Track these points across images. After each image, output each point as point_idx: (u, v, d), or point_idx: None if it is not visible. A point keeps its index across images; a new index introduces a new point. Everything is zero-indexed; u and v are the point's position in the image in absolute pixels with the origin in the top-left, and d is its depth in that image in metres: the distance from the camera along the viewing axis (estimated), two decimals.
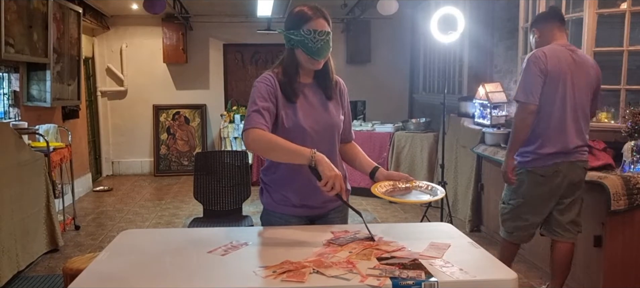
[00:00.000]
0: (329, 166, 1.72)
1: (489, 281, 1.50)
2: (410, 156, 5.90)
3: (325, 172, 1.71)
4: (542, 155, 2.82)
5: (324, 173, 1.71)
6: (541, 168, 2.84)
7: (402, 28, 7.86)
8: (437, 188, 1.95)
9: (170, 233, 2.21)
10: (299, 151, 1.76)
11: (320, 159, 1.73)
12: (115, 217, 5.39)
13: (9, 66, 4.69)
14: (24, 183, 3.75)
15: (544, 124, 2.81)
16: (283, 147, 1.78)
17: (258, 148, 1.82)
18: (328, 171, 1.71)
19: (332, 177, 1.70)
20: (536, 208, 2.92)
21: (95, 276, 1.50)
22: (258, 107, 1.84)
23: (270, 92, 1.88)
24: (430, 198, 1.94)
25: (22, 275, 3.66)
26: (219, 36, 7.88)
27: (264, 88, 1.88)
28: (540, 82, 2.76)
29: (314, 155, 1.74)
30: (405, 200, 1.94)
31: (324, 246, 1.72)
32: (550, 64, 2.76)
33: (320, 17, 1.88)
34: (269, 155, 1.86)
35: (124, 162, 7.97)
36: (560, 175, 2.82)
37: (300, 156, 1.75)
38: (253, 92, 1.90)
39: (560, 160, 2.81)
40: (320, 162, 1.73)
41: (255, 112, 1.83)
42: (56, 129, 4.92)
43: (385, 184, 1.96)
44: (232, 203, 3.51)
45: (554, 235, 2.96)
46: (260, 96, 1.87)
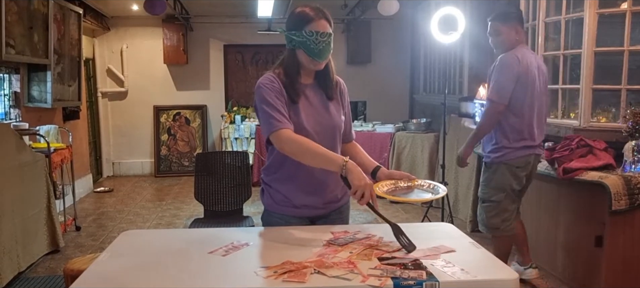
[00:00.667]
0: (359, 176, 1.74)
1: (490, 281, 1.50)
2: (411, 157, 5.90)
3: (354, 182, 1.73)
4: (517, 149, 3.13)
5: (353, 182, 1.73)
6: (515, 160, 3.14)
7: (403, 28, 7.86)
8: (438, 187, 1.94)
9: (171, 234, 2.22)
10: (332, 159, 1.79)
11: (351, 169, 1.75)
12: (116, 218, 5.39)
13: (10, 67, 4.70)
14: (25, 184, 3.75)
15: (518, 121, 3.11)
16: (317, 153, 1.80)
17: (291, 150, 1.83)
18: (357, 181, 1.73)
19: (361, 187, 1.72)
20: (514, 197, 3.22)
21: (96, 277, 1.50)
22: (276, 108, 1.84)
23: (278, 92, 1.89)
24: (432, 196, 1.94)
25: (23, 276, 3.66)
26: (219, 37, 7.89)
27: (272, 88, 1.88)
28: (512, 85, 3.05)
29: (345, 165, 1.75)
30: (406, 199, 1.94)
31: (324, 246, 1.72)
32: (522, 68, 3.05)
33: (322, 18, 1.88)
34: (300, 158, 1.84)
35: (124, 162, 7.97)
36: (529, 166, 3.19)
37: (333, 164, 1.78)
38: (261, 94, 1.88)
39: (529, 153, 3.16)
40: (351, 171, 1.74)
41: (277, 112, 1.84)
42: (57, 129, 4.92)
43: (386, 183, 1.95)
44: (233, 204, 3.51)
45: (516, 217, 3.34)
46: (272, 97, 1.86)
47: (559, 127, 3.75)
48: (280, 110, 1.84)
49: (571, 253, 3.35)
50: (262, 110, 1.87)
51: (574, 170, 3.14)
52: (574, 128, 3.59)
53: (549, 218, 3.54)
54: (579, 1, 3.63)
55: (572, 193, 3.29)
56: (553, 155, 3.34)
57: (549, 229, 3.54)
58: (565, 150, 3.28)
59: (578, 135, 3.40)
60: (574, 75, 3.72)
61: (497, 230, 3.23)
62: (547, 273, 3.58)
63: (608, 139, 3.34)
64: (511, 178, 3.16)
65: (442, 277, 1.47)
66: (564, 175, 3.17)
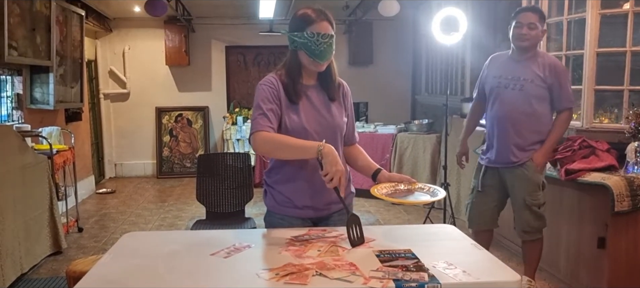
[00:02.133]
0: (333, 160, 1.74)
1: (492, 283, 1.49)
2: (413, 158, 5.90)
3: (326, 166, 1.74)
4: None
5: (325, 166, 1.74)
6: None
7: (404, 29, 7.86)
8: (437, 190, 1.95)
9: (173, 236, 2.22)
10: (306, 146, 1.80)
11: (327, 152, 1.75)
12: (118, 219, 5.40)
13: (12, 69, 4.71)
14: (27, 185, 3.76)
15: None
16: (290, 145, 1.82)
17: (266, 150, 1.86)
18: (329, 166, 1.74)
19: (332, 172, 1.73)
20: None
21: (99, 278, 1.50)
22: (262, 110, 1.86)
23: (273, 94, 1.90)
24: (429, 198, 1.94)
25: (26, 278, 3.66)
26: (221, 38, 7.90)
27: (267, 90, 1.90)
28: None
29: (322, 149, 1.75)
30: (404, 201, 1.94)
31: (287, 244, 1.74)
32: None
33: (324, 19, 1.89)
34: (277, 154, 1.88)
35: (126, 164, 7.98)
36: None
37: (308, 151, 1.79)
38: (256, 95, 1.92)
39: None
40: (327, 155, 1.75)
41: (260, 115, 1.86)
42: (59, 131, 4.93)
43: (385, 186, 1.96)
44: (235, 205, 3.51)
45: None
46: (263, 99, 1.89)
47: None
48: (266, 113, 1.85)
49: (573, 254, 3.34)
50: (253, 111, 1.91)
51: (576, 171, 3.14)
52: (576, 129, 3.58)
53: (551, 219, 3.52)
54: (581, 2, 3.62)
55: (575, 195, 3.28)
56: (555, 156, 3.34)
57: (552, 230, 3.53)
58: (567, 151, 3.28)
59: (580, 136, 3.39)
60: (576, 75, 3.71)
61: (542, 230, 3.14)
62: (549, 274, 3.57)
63: (610, 139, 3.33)
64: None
65: (443, 279, 1.47)
66: (566, 176, 3.16)
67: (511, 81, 3.04)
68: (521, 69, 3.02)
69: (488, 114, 3.19)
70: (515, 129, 3.03)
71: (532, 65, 3.00)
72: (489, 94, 3.16)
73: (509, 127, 3.04)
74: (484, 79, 3.23)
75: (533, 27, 2.95)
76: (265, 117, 1.85)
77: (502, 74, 3.08)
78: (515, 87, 3.02)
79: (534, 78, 2.99)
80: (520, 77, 3.01)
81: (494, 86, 3.11)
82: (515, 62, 3.06)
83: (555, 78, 2.98)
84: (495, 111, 3.10)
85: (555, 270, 3.53)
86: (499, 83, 3.08)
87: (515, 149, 3.04)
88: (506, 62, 3.12)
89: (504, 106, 3.06)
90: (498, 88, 3.08)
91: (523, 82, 3.00)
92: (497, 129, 3.10)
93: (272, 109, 1.87)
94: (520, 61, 3.04)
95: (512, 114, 3.03)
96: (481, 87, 3.25)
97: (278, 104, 1.90)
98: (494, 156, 3.14)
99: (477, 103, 3.35)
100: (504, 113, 3.06)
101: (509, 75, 3.05)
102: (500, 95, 3.07)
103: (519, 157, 3.04)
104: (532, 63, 3.01)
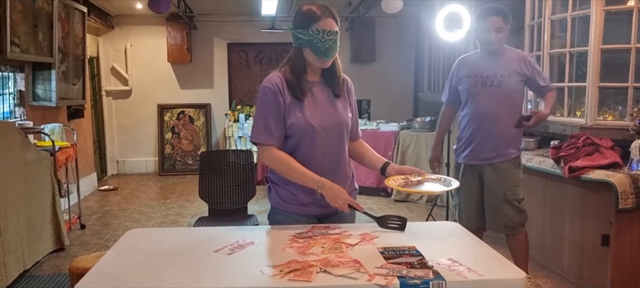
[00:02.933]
0: (332, 196, 1.88)
1: (497, 280, 1.49)
2: (415, 155, 5.89)
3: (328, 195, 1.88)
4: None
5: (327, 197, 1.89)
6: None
7: (407, 26, 7.84)
8: (450, 180, 1.97)
9: (176, 233, 2.21)
10: (309, 177, 1.90)
11: (326, 189, 1.88)
12: (121, 216, 5.40)
13: (15, 66, 4.71)
14: (30, 182, 3.76)
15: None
16: (296, 171, 1.91)
17: (273, 167, 1.97)
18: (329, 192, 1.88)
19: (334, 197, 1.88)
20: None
21: (103, 275, 1.50)
22: (268, 122, 1.90)
23: (277, 99, 1.90)
24: (443, 188, 1.97)
25: (28, 274, 3.67)
26: (223, 35, 7.89)
27: (270, 95, 1.90)
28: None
29: (321, 186, 1.88)
30: (419, 190, 1.99)
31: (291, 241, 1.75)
32: None
33: (329, 16, 1.88)
34: (282, 174, 1.95)
35: (128, 161, 7.98)
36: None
37: (309, 182, 1.90)
38: (259, 99, 1.93)
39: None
40: (326, 193, 1.88)
41: (266, 127, 1.90)
42: (61, 128, 4.93)
43: (398, 178, 2.00)
44: (237, 203, 3.51)
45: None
46: (268, 106, 1.90)
47: (565, 125, 3.74)
48: (271, 125, 1.90)
49: (577, 252, 3.33)
50: (256, 115, 1.95)
51: (580, 169, 3.13)
52: (580, 126, 3.57)
53: (554, 217, 3.52)
54: None
55: (578, 192, 3.27)
56: (559, 153, 3.33)
57: (555, 228, 3.53)
58: (571, 149, 3.26)
59: (584, 133, 3.38)
60: (580, 73, 3.70)
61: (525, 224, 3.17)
62: (552, 272, 3.56)
63: (614, 137, 3.32)
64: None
65: (448, 276, 1.46)
66: (570, 173, 3.15)
67: (487, 79, 3.05)
68: (495, 66, 3.04)
69: (464, 113, 3.17)
70: (496, 124, 3.05)
71: (504, 61, 3.05)
72: (465, 94, 3.14)
73: (489, 123, 3.05)
74: (456, 81, 3.20)
75: (500, 30, 2.97)
76: (270, 132, 1.90)
77: (476, 73, 3.08)
78: (493, 83, 3.04)
79: (511, 73, 3.02)
80: (497, 73, 3.04)
81: (470, 85, 3.10)
82: (487, 60, 3.07)
83: (530, 68, 3.05)
84: (474, 109, 3.09)
85: (558, 267, 3.52)
86: (475, 82, 3.08)
87: (497, 144, 3.07)
88: (478, 61, 3.11)
89: (484, 103, 3.05)
90: (475, 87, 3.08)
91: (500, 78, 3.02)
92: (477, 125, 3.08)
93: (276, 121, 1.90)
94: (492, 59, 3.06)
95: (493, 110, 3.03)
96: (452, 90, 3.23)
97: (281, 109, 1.90)
98: (474, 153, 3.12)
99: (448, 107, 3.34)
100: (484, 110, 3.05)
101: (484, 73, 3.06)
102: (478, 93, 3.07)
103: (500, 151, 3.07)
104: (503, 59, 3.05)
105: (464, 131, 3.17)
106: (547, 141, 3.67)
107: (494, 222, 3.13)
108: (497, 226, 3.14)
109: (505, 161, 3.07)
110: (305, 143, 1.93)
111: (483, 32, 3.00)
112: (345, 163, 2.04)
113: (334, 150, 1.98)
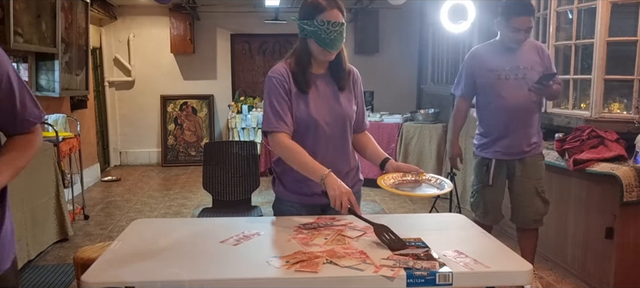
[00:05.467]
0: (333, 186, 1.76)
1: (503, 272, 1.49)
2: (419, 147, 5.88)
3: (330, 192, 1.76)
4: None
5: (329, 193, 1.76)
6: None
7: (411, 18, 7.80)
8: (444, 182, 1.92)
9: (181, 223, 2.22)
10: (314, 169, 1.82)
11: (329, 183, 1.77)
12: (124, 207, 5.41)
13: (18, 56, 4.70)
14: (34, 173, 3.76)
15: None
16: (301, 162, 1.85)
17: (281, 154, 1.92)
18: (332, 190, 1.75)
19: (337, 196, 1.74)
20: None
21: (109, 264, 1.50)
22: (278, 109, 1.88)
23: (284, 88, 1.89)
24: (437, 191, 1.91)
25: (33, 265, 3.68)
26: (226, 26, 7.86)
27: (278, 84, 1.90)
28: None
29: (324, 178, 1.78)
30: (412, 193, 1.90)
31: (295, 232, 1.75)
32: None
33: (334, 7, 1.86)
34: (288, 162, 1.91)
35: (131, 152, 7.99)
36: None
37: (313, 174, 1.83)
38: (267, 88, 1.92)
39: None
40: (328, 185, 1.77)
41: (276, 114, 1.88)
42: (65, 118, 4.94)
43: (392, 176, 1.94)
44: (241, 194, 3.51)
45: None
46: (276, 95, 1.89)
47: (570, 118, 3.72)
48: (280, 112, 1.88)
49: (581, 244, 3.33)
50: (266, 105, 1.92)
51: (584, 162, 3.12)
52: (585, 119, 3.56)
53: (559, 209, 3.52)
54: None
55: (583, 185, 3.26)
56: (564, 146, 3.32)
57: (559, 221, 3.52)
58: (576, 141, 3.26)
59: (589, 125, 3.37)
60: (586, 65, 3.68)
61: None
62: (556, 265, 3.57)
63: (620, 129, 3.31)
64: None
65: (455, 267, 1.47)
66: (575, 166, 3.14)
67: (511, 71, 2.96)
68: (517, 58, 2.96)
69: (489, 108, 3.05)
70: (526, 117, 2.99)
71: (525, 52, 2.97)
72: (487, 88, 3.04)
73: (520, 116, 2.97)
74: (471, 74, 3.09)
75: (529, 30, 2.92)
76: (280, 118, 1.87)
77: (497, 66, 2.98)
78: (517, 76, 2.95)
79: (534, 65, 2.96)
80: (520, 66, 2.96)
81: (493, 79, 2.99)
82: (508, 52, 2.98)
83: (546, 58, 3.01)
84: (502, 102, 2.97)
85: (562, 260, 3.52)
86: (498, 76, 2.98)
87: (529, 137, 3.01)
88: (497, 53, 3.01)
89: (513, 96, 2.96)
90: (498, 80, 2.98)
91: (524, 71, 2.95)
92: (507, 120, 2.98)
93: (286, 107, 1.89)
94: (513, 51, 2.97)
95: (523, 103, 2.96)
96: (469, 83, 3.11)
97: (289, 97, 1.89)
98: (506, 148, 3.03)
99: (464, 101, 3.24)
100: (514, 103, 2.95)
101: (507, 66, 2.96)
102: (503, 87, 2.97)
103: (532, 145, 3.02)
104: (523, 51, 2.97)
105: (491, 126, 3.06)
106: (551, 134, 3.65)
107: (523, 215, 3.09)
108: (526, 220, 3.09)
109: (536, 155, 3.04)
110: (309, 136, 1.93)
111: (512, 30, 2.89)
112: (348, 155, 2.04)
113: (337, 143, 1.97)
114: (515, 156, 3.05)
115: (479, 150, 3.16)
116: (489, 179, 3.10)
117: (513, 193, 3.11)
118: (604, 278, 3.11)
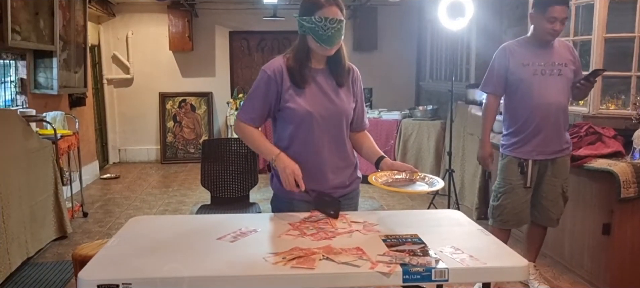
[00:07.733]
0: (281, 166, 1.88)
1: (499, 268, 1.50)
2: (417, 144, 5.89)
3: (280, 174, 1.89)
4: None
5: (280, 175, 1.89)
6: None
7: (409, 15, 7.80)
8: (436, 180, 1.92)
9: (179, 220, 2.22)
10: (266, 150, 1.96)
11: (278, 163, 1.89)
12: (123, 205, 5.42)
13: (16, 53, 4.69)
14: (32, 170, 3.76)
15: None
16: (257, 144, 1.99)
17: (241, 136, 2.05)
18: (282, 172, 1.88)
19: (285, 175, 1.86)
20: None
21: (106, 261, 1.50)
22: (254, 105, 1.98)
23: (270, 88, 1.94)
24: (427, 188, 1.91)
25: (31, 262, 3.69)
26: (225, 23, 7.85)
27: (265, 83, 1.95)
28: None
29: (275, 159, 1.90)
30: (400, 190, 1.91)
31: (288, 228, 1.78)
32: None
33: (333, 4, 1.87)
34: (246, 142, 2.06)
35: (130, 149, 7.99)
36: None
37: (266, 155, 1.96)
38: (257, 80, 1.99)
39: None
40: (278, 165, 1.90)
41: (251, 109, 1.98)
42: (63, 116, 4.93)
43: (385, 174, 1.95)
44: (240, 191, 3.52)
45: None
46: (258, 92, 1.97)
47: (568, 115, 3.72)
48: (254, 105, 1.98)
49: (579, 240, 3.34)
50: (248, 95, 2.02)
51: (582, 158, 3.13)
52: (583, 115, 3.56)
53: None
54: None
55: (580, 181, 3.27)
56: None
57: None
58: (574, 138, 3.26)
59: (587, 122, 3.37)
60: (584, 61, 3.68)
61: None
62: (553, 260, 3.58)
63: (617, 126, 3.32)
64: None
65: (451, 263, 1.47)
66: (573, 162, 3.15)
67: (547, 67, 2.86)
68: (552, 54, 2.88)
69: (523, 104, 2.92)
70: (560, 115, 2.91)
71: (558, 49, 2.91)
72: (520, 83, 2.91)
73: (556, 114, 2.88)
74: (504, 70, 2.96)
75: (565, 21, 2.81)
76: (249, 113, 1.98)
77: (532, 61, 2.88)
78: (553, 72, 2.86)
79: (567, 62, 2.89)
80: (555, 62, 2.88)
81: (529, 74, 2.88)
82: (542, 48, 2.89)
83: (577, 57, 2.98)
84: (537, 99, 2.86)
85: (559, 256, 3.53)
86: (534, 71, 2.87)
87: (562, 135, 2.95)
88: (531, 48, 2.91)
89: (549, 93, 2.85)
90: (534, 76, 2.87)
91: (560, 67, 2.87)
92: (543, 117, 2.87)
93: (261, 107, 1.97)
94: (546, 47, 2.89)
95: (559, 99, 2.87)
96: (500, 79, 2.98)
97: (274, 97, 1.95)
98: (541, 147, 2.92)
99: (494, 98, 3.08)
100: (550, 100, 2.86)
101: (542, 61, 2.87)
102: (539, 83, 2.86)
103: (566, 144, 2.99)
104: (556, 47, 2.91)
105: (525, 123, 2.92)
106: None
107: (547, 215, 3.05)
108: (549, 219, 3.07)
109: (567, 155, 3.00)
110: (303, 130, 1.93)
111: (548, 21, 2.77)
112: (345, 152, 2.04)
113: (333, 138, 1.98)
114: (550, 155, 2.94)
115: (509, 150, 3.00)
116: (526, 181, 2.95)
117: (539, 192, 3.02)
118: (601, 274, 3.12)
